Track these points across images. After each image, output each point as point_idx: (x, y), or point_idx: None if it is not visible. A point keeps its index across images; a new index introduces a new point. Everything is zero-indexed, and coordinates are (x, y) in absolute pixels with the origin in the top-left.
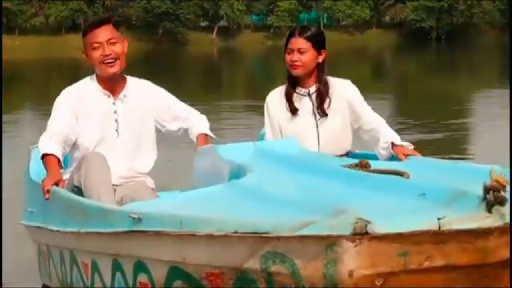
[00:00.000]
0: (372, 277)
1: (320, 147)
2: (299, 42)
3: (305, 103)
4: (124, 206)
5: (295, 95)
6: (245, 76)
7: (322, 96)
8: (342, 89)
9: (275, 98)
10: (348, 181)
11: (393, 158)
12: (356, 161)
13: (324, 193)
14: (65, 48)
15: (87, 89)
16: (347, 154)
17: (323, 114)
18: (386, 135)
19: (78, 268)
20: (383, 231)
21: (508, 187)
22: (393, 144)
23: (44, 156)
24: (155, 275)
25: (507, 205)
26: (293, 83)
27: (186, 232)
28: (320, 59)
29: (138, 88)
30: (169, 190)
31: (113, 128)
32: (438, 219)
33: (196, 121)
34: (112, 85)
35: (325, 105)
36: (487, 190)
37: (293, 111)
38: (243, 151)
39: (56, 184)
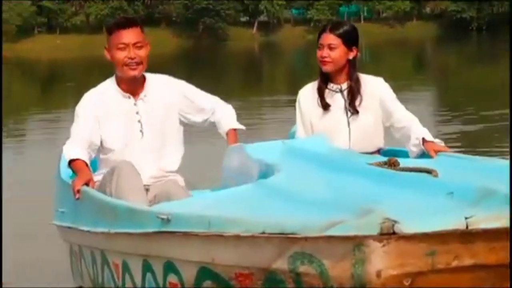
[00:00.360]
0: (400, 277)
1: (351, 144)
2: (330, 38)
3: (337, 99)
4: (153, 207)
5: (327, 91)
6: (286, 70)
7: (353, 93)
8: (374, 87)
9: (307, 93)
10: (376, 180)
11: (424, 155)
12: (385, 159)
13: (352, 192)
14: None
15: (107, 92)
16: (379, 152)
17: (355, 111)
18: (417, 132)
19: (109, 269)
20: (411, 230)
21: None
22: (424, 140)
23: (71, 162)
24: (185, 276)
25: None
26: (325, 79)
27: (214, 233)
28: (351, 56)
29: (157, 85)
30: (199, 189)
31: (137, 129)
32: (466, 218)
33: (223, 114)
34: (132, 86)
35: (357, 102)
36: None
37: (325, 106)
38: (272, 150)
39: (86, 184)
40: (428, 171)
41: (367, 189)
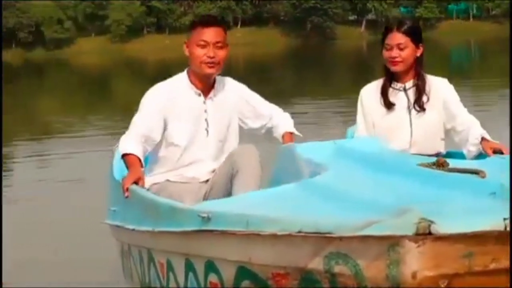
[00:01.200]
0: (436, 279)
1: (412, 143)
2: (398, 38)
3: (400, 98)
4: (194, 206)
5: (390, 89)
6: None
7: (420, 91)
8: (438, 87)
9: (370, 92)
10: (422, 181)
11: (480, 156)
12: (434, 159)
13: (395, 192)
14: None
15: (178, 87)
16: (437, 155)
17: (421, 109)
18: (477, 132)
19: (155, 268)
20: (447, 231)
21: None
22: (482, 139)
23: (124, 156)
24: (225, 275)
25: None
26: (390, 78)
27: (251, 232)
28: (418, 53)
29: (224, 86)
30: None
31: (203, 128)
32: (504, 219)
33: (280, 120)
34: (205, 84)
35: (424, 99)
36: None
37: (388, 105)
38: (322, 150)
39: (136, 182)
40: (476, 172)
41: (411, 190)
